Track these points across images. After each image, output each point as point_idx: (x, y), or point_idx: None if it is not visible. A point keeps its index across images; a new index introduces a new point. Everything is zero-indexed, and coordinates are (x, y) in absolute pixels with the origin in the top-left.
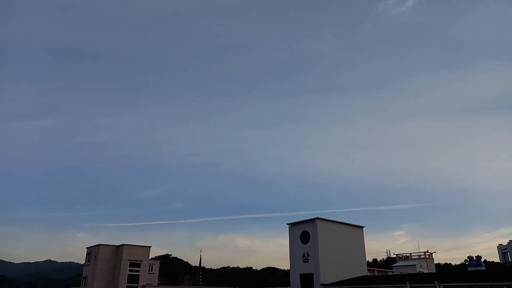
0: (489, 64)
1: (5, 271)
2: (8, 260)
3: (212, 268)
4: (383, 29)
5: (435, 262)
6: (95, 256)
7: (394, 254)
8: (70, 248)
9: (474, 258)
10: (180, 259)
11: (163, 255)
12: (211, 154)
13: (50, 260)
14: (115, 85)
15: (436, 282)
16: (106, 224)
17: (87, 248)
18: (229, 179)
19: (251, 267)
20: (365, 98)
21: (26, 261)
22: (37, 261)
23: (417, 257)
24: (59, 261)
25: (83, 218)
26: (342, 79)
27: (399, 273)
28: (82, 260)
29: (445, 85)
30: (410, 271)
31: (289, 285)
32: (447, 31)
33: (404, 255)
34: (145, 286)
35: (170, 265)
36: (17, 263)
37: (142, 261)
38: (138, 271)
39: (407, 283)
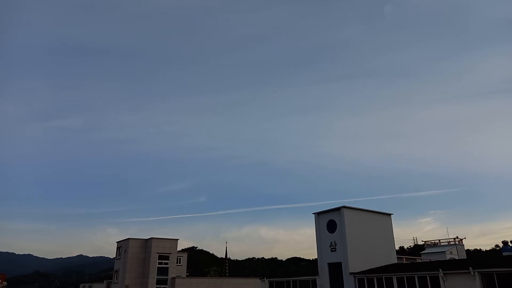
0: None
1: (40, 266)
2: (42, 256)
3: (238, 259)
4: (406, 12)
5: (466, 248)
6: (125, 250)
7: (422, 241)
8: (100, 243)
9: (509, 243)
10: (206, 251)
11: (189, 247)
12: (234, 146)
13: (81, 255)
14: (136, 81)
15: (470, 268)
16: (134, 218)
17: (117, 242)
18: (253, 170)
19: (276, 258)
20: (391, 84)
21: (59, 257)
22: (69, 256)
23: (446, 243)
24: (90, 256)
25: (112, 214)
26: (367, 66)
27: (429, 260)
28: (112, 254)
29: (475, 67)
30: (440, 258)
31: (317, 275)
32: (474, 12)
33: (433, 242)
34: (174, 278)
35: (196, 257)
36: (51, 259)
37: (170, 253)
38: (167, 263)
39: (440, 270)
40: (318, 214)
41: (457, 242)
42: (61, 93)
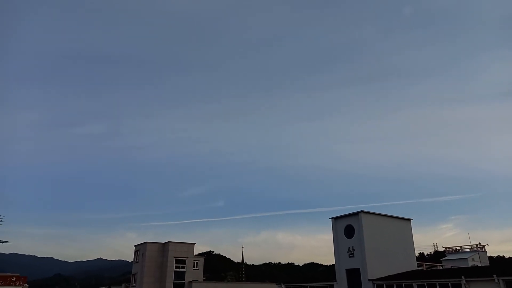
0: None
1: (61, 270)
2: (63, 259)
3: (254, 264)
4: (425, 11)
5: (488, 255)
6: (142, 254)
7: (442, 247)
8: (119, 247)
9: None
10: (222, 256)
11: (206, 251)
12: (250, 151)
13: (101, 258)
14: (152, 88)
15: (494, 275)
16: (152, 223)
17: (134, 246)
18: (270, 175)
19: (293, 263)
20: (409, 86)
21: (79, 260)
22: (89, 259)
23: (468, 250)
24: (109, 259)
25: (131, 219)
26: (384, 68)
27: (450, 267)
28: (130, 258)
29: (498, 66)
30: (462, 265)
31: (335, 281)
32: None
33: (454, 248)
34: (191, 282)
35: (213, 262)
36: (71, 262)
37: (187, 257)
38: (184, 267)
39: (463, 277)
40: (335, 219)
41: (479, 249)
42: (81, 100)
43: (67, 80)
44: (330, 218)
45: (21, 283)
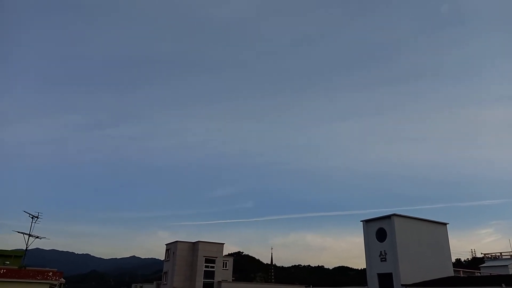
0: None
1: (96, 266)
2: (98, 256)
3: (284, 266)
4: (463, 9)
5: None
6: (173, 253)
7: (481, 253)
8: (152, 245)
9: None
10: (252, 257)
11: (235, 252)
12: (279, 152)
13: (134, 256)
14: (183, 88)
15: None
16: (184, 222)
17: (166, 245)
18: (299, 177)
19: (323, 266)
20: (450, 85)
21: (113, 257)
22: (123, 257)
23: (509, 257)
24: (142, 257)
25: (163, 218)
26: (421, 67)
27: (489, 274)
28: (162, 256)
29: None
30: (501, 272)
31: (366, 285)
32: None
33: (494, 254)
34: (220, 282)
35: (242, 262)
36: (106, 259)
37: (216, 257)
38: (213, 267)
39: (503, 285)
40: (366, 222)
41: None
42: (118, 102)
43: (102, 82)
44: (361, 221)
45: (57, 278)
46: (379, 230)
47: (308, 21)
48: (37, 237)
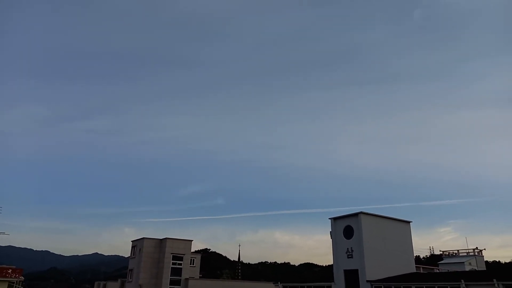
0: None
1: (57, 263)
2: (58, 253)
3: (250, 262)
4: (435, 16)
5: (485, 259)
6: (139, 249)
7: (440, 251)
8: (116, 242)
9: None
10: (219, 254)
11: (202, 249)
12: (251, 150)
13: (97, 253)
14: (154, 84)
15: (494, 280)
16: (151, 219)
17: (132, 241)
18: (270, 174)
19: (289, 263)
20: (415, 88)
21: (75, 254)
22: (85, 254)
23: (465, 254)
24: (105, 254)
25: (130, 214)
26: (388, 70)
27: (447, 270)
28: (127, 254)
29: (502, 72)
30: (458, 268)
31: (333, 281)
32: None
33: (451, 252)
34: (187, 279)
35: (209, 259)
36: (67, 256)
37: (184, 254)
38: (180, 264)
39: (462, 281)
40: (334, 220)
41: (476, 253)
42: (87, 95)
43: (72, 75)
44: (329, 218)
45: (17, 275)
46: (346, 228)
47: (280, 22)
48: None
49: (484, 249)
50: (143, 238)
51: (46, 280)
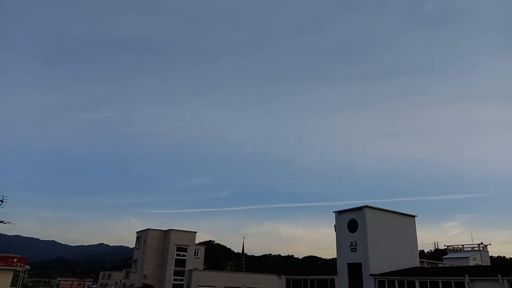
0: None
1: (63, 253)
2: (65, 243)
3: (254, 255)
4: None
5: (490, 255)
6: (144, 240)
7: (444, 245)
8: (122, 232)
9: None
10: (223, 246)
11: (207, 241)
12: (258, 143)
13: (102, 243)
14: (167, 76)
15: (499, 275)
16: (156, 210)
17: (136, 232)
18: (276, 167)
19: (293, 255)
20: (424, 82)
21: (81, 244)
22: (90, 244)
23: (470, 249)
24: (111, 245)
25: (135, 205)
26: (397, 64)
27: (451, 265)
28: (132, 244)
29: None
30: (463, 263)
31: (336, 274)
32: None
33: (456, 247)
34: (191, 270)
35: (214, 251)
36: (73, 246)
37: (188, 246)
38: (185, 255)
39: (466, 275)
40: (339, 213)
41: (481, 248)
42: (97, 86)
43: (83, 65)
44: (333, 212)
45: (22, 264)
46: (351, 221)
47: (296, 14)
48: (1, 221)
49: (489, 244)
50: (148, 229)
51: (52, 270)
